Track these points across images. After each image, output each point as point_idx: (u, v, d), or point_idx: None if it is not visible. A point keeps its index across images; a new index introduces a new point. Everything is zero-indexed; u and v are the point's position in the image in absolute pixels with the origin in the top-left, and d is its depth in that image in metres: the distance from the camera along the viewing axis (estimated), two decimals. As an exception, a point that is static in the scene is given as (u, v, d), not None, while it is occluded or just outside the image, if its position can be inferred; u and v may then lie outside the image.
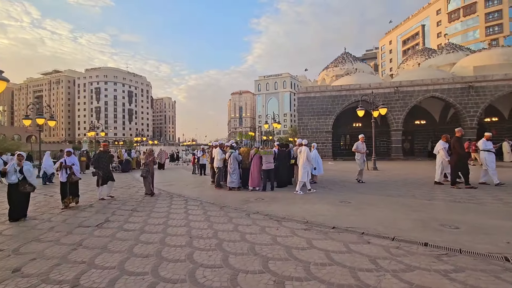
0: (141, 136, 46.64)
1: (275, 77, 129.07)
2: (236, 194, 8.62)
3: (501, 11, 62.78)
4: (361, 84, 24.39)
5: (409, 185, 9.46)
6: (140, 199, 8.28)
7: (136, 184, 11.64)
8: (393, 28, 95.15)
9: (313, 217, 5.51)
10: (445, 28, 72.54)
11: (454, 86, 22.30)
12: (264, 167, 8.97)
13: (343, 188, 9.32)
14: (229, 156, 9.31)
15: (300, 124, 25.53)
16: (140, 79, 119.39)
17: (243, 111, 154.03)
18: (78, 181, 7.57)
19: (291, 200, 7.40)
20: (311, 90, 25.44)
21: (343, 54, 34.92)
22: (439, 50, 32.55)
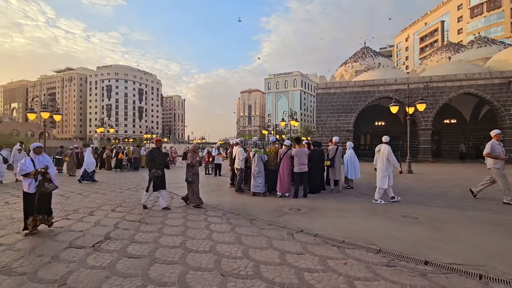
0: (151, 134, 45.80)
1: (286, 75, 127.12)
2: (263, 201, 7.18)
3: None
4: (386, 79, 22.56)
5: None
6: (151, 206, 6.93)
7: (145, 186, 10.34)
8: (409, 25, 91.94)
9: (382, 241, 4.03)
10: (466, 24, 69.24)
11: (492, 81, 20.26)
12: (297, 170, 7.50)
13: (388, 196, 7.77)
14: (253, 156, 7.88)
15: (318, 122, 23.91)
16: (150, 77, 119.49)
17: (252, 110, 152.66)
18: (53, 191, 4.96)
19: (336, 212, 5.90)
20: (331, 85, 23.77)
21: (363, 49, 33.05)
22: (469, 44, 30.27)
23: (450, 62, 26.71)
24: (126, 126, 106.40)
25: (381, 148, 6.93)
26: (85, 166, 11.43)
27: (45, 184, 4.71)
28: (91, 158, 11.72)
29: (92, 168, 11.60)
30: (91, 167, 11.52)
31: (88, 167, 11.43)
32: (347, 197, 7.62)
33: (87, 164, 11.45)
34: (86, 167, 11.41)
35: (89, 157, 11.65)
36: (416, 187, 9.45)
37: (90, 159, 11.65)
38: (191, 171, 6.80)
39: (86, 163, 11.46)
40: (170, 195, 8.24)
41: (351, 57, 33.08)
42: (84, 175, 11.39)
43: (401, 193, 7.83)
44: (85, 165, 11.45)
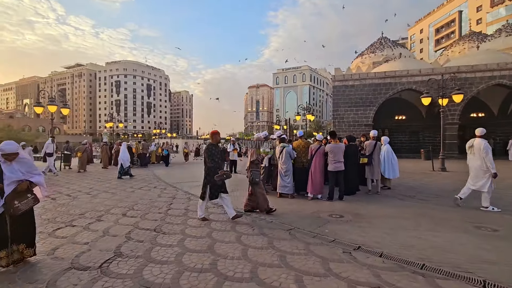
0: (160, 129, 45.32)
1: (294, 70, 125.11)
2: (294, 204, 6.24)
3: (555, -7, 55.95)
4: (409, 70, 21.16)
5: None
6: (183, 209, 6.07)
7: (157, 184, 9.53)
8: (424, 16, 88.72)
9: (476, 266, 3.04)
10: (486, 14, 66.17)
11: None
12: (332, 168, 6.51)
13: (439, 198, 6.73)
14: (280, 152, 6.92)
15: (335, 116, 22.75)
16: (158, 73, 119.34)
17: (260, 105, 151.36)
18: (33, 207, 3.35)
19: (389, 220, 4.91)
20: (348, 77, 22.50)
21: (380, 39, 31.46)
22: (496, 33, 28.39)
23: (478, 51, 25.01)
24: (135, 121, 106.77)
25: (474, 143, 5.74)
26: (121, 162, 11.08)
27: (15, 203, 3.09)
28: (126, 154, 11.42)
29: (128, 163, 11.32)
30: (126, 163, 11.23)
31: (124, 162, 11.11)
32: (390, 200, 6.60)
33: (123, 159, 11.12)
34: (122, 162, 11.07)
35: (125, 153, 11.33)
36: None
37: (125, 154, 11.34)
38: (257, 169, 5.65)
39: (121, 159, 11.12)
40: (186, 196, 7.37)
41: (368, 48, 31.54)
42: (121, 171, 11.07)
43: (450, 196, 6.77)
44: (120, 161, 11.11)
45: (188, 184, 9.45)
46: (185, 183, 9.71)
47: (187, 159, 20.73)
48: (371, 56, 29.94)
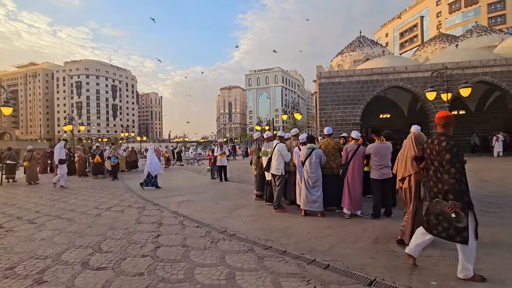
0: (127, 132, 41.45)
1: (266, 71, 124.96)
2: (335, 227, 4.54)
3: (504, 2, 61.04)
4: (395, 67, 20.67)
5: None
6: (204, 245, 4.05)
7: (132, 201, 7.31)
8: (389, 20, 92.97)
9: None
10: (445, 19, 70.50)
11: (508, 68, 18.98)
12: (377, 176, 4.93)
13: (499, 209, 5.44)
14: (307, 156, 5.21)
15: (322, 114, 21.59)
16: (124, 73, 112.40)
17: (233, 107, 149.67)
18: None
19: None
20: (335, 74, 21.50)
21: (359, 38, 31.24)
22: (468, 33, 29.37)
23: (459, 48, 25.47)
24: (99, 125, 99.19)
25: None
26: (149, 169, 9.09)
27: None
28: (155, 159, 9.49)
29: (157, 171, 9.33)
30: (155, 170, 9.21)
31: (152, 169, 9.11)
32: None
33: (151, 166, 9.12)
34: (150, 170, 9.09)
35: (153, 158, 9.38)
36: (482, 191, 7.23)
37: (154, 159, 9.41)
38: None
39: (150, 165, 9.13)
40: (177, 220, 5.34)
41: (347, 47, 31.19)
42: (148, 180, 9.15)
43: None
44: (148, 168, 9.11)
45: (174, 199, 7.37)
46: (170, 197, 7.61)
47: (169, 165, 18.21)
48: (351, 54, 29.56)
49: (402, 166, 3.76)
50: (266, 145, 6.34)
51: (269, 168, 5.80)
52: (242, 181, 10.66)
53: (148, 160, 9.28)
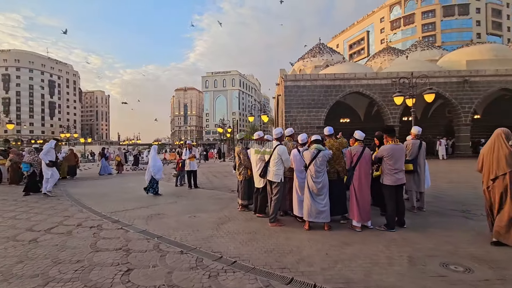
0: (69, 133, 36.40)
1: (224, 74, 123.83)
2: (350, 246, 3.82)
3: (435, 23, 69.59)
4: (356, 73, 21.52)
5: None
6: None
7: (81, 217, 5.72)
8: (339, 32, 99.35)
9: None
10: (387, 35, 77.75)
11: (450, 80, 21.08)
12: (391, 181, 4.38)
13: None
14: (313, 158, 4.44)
15: (287, 117, 21.42)
16: (65, 67, 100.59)
17: (189, 109, 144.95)
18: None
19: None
20: (300, 78, 21.58)
21: (319, 45, 32.28)
22: (413, 47, 32.35)
23: (410, 59, 27.71)
24: (33, 124, 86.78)
25: None
26: (152, 172, 8.19)
27: None
28: (158, 161, 8.57)
29: (160, 175, 8.41)
30: (158, 173, 8.29)
31: (155, 172, 8.21)
32: (466, 223, 4.86)
33: (154, 168, 8.20)
34: (153, 173, 8.18)
35: (156, 160, 8.45)
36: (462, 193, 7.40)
37: (158, 161, 8.50)
38: None
39: (153, 168, 8.19)
40: (151, 244, 4.09)
41: (308, 52, 31.96)
42: (152, 184, 8.25)
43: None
44: (152, 171, 8.19)
45: (139, 212, 5.98)
46: (132, 211, 6.18)
47: (121, 170, 15.87)
48: (312, 60, 30.33)
49: (493, 164, 3.66)
50: (256, 146, 5.44)
51: (266, 174, 4.89)
52: (214, 188, 9.52)
53: (150, 162, 8.26)
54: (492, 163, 3.69)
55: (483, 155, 3.88)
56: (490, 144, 3.83)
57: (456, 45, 49.08)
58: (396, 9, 76.40)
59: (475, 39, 57.37)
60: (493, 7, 67.56)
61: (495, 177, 3.64)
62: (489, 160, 3.75)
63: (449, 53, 25.70)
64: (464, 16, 67.33)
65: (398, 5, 75.39)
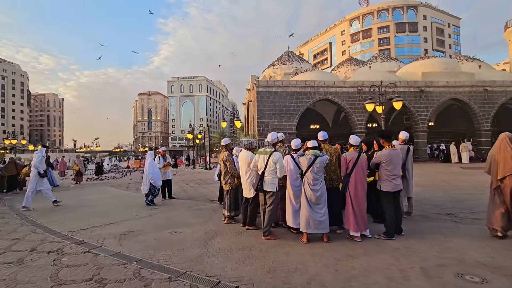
0: (13, 139, 32.25)
1: (191, 79, 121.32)
2: (357, 259, 3.58)
3: (389, 38, 75.59)
4: (325, 81, 22.20)
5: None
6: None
7: (36, 240, 4.77)
8: (304, 42, 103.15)
9: None
10: (348, 47, 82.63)
11: (409, 89, 22.70)
12: (390, 188, 4.27)
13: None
14: (310, 165, 4.16)
15: (260, 123, 21.28)
16: (10, 67, 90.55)
17: (153, 114, 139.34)
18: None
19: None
20: (272, 84, 21.69)
21: (288, 53, 32.98)
22: (374, 59, 34.50)
23: (372, 69, 29.40)
24: (-33, 130, 76.16)
25: None
26: (151, 180, 7.57)
27: None
28: (156, 167, 7.92)
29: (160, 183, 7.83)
30: (159, 180, 7.77)
31: (154, 180, 7.62)
32: (457, 227, 4.90)
33: (154, 176, 7.61)
34: (152, 180, 7.58)
35: (154, 166, 7.84)
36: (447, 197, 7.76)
37: (155, 168, 7.84)
38: None
39: (151, 175, 7.57)
40: (134, 275, 3.45)
41: (278, 60, 32.45)
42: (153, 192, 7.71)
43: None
44: (150, 179, 7.56)
45: (108, 230, 5.18)
46: (99, 228, 5.35)
47: (80, 180, 14.13)
48: (282, 67, 30.82)
49: (501, 166, 3.95)
50: (243, 155, 5.05)
51: (263, 186, 4.46)
52: (191, 198, 8.84)
53: (148, 169, 7.57)
54: (499, 164, 3.97)
55: (491, 158, 4.15)
56: (496, 147, 4.12)
57: (408, 59, 53.75)
58: (355, 24, 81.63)
59: (423, 55, 63.46)
60: (437, 26, 75.41)
61: (502, 177, 3.93)
62: (496, 162, 4.03)
63: (406, 65, 27.85)
64: (414, 33, 74.12)
65: (357, 20, 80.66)
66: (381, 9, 76.55)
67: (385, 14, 76.74)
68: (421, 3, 75.92)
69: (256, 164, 4.67)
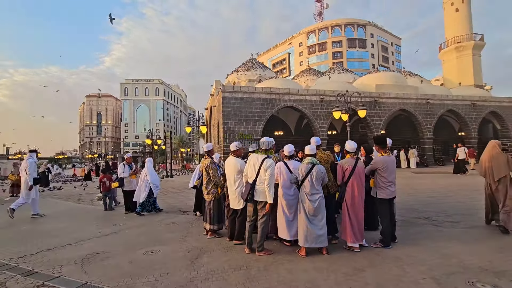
0: None
1: (146, 82, 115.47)
2: (369, 272, 3.39)
3: (342, 52, 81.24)
4: (290, 89, 22.66)
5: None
6: None
7: None
8: (264, 51, 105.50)
9: None
10: (305, 58, 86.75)
11: (365, 99, 24.31)
12: (386, 195, 4.22)
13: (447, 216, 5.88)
14: (307, 174, 3.91)
15: (225, 129, 20.76)
16: None
17: (103, 118, 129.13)
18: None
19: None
20: (238, 89, 21.36)
21: (252, 60, 33.15)
22: (331, 70, 36.49)
23: (331, 80, 30.89)
24: None
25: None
26: (154, 188, 7.10)
27: None
28: (156, 175, 7.47)
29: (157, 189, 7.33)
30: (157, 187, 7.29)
31: (155, 186, 7.18)
32: (441, 232, 5.04)
33: (155, 182, 7.18)
34: (155, 188, 7.15)
35: (154, 173, 7.41)
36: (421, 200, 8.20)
37: (155, 176, 7.39)
38: None
39: (154, 181, 7.13)
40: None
41: (241, 66, 32.38)
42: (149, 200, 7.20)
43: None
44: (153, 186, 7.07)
45: (66, 253, 4.24)
46: (55, 250, 4.37)
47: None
48: (246, 73, 30.80)
49: (495, 169, 4.55)
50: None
51: (253, 195, 4.06)
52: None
53: (149, 176, 7.13)
54: (494, 168, 4.60)
55: (484, 163, 4.77)
56: (488, 153, 4.75)
57: (358, 72, 58.24)
58: (312, 37, 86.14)
59: (371, 69, 69.43)
60: (382, 44, 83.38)
61: (498, 179, 4.56)
62: (491, 166, 4.66)
63: (361, 77, 29.97)
64: (363, 49, 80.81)
65: (314, 34, 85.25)
66: (335, 25, 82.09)
67: (338, 30, 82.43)
68: (369, 22, 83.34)
69: (246, 172, 4.27)
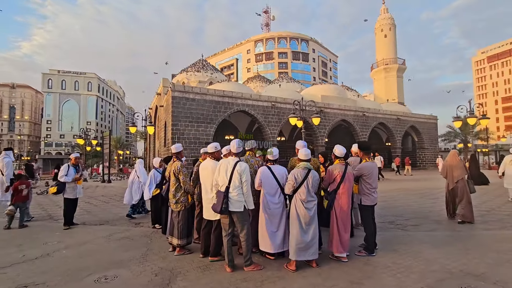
0: None
1: (77, 75, 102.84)
2: (366, 283, 3.20)
3: (287, 63, 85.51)
4: (243, 93, 22.49)
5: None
6: None
7: None
8: (212, 55, 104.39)
9: None
10: (253, 66, 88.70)
11: (311, 108, 25.66)
12: (371, 201, 4.16)
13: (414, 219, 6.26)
14: (303, 180, 3.59)
15: (175, 131, 19.40)
16: None
17: (17, 113, 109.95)
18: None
19: None
20: (189, 90, 20.24)
21: (203, 61, 32.10)
22: (280, 79, 37.76)
23: (282, 88, 31.73)
24: None
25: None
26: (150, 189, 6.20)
27: None
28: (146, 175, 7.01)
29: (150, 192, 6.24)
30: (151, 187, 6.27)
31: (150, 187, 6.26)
32: (413, 236, 5.21)
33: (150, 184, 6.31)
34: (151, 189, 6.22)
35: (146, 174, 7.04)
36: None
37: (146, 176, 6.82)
38: None
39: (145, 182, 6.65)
40: None
41: (191, 66, 30.95)
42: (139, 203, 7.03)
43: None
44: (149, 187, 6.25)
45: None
46: None
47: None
48: (196, 74, 29.54)
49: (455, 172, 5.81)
50: (207, 165, 4.06)
51: (228, 205, 3.50)
52: (104, 221, 6.71)
53: (141, 178, 6.93)
54: (453, 172, 5.82)
55: (446, 167, 5.96)
56: (450, 159, 6.00)
57: (301, 83, 62.01)
58: (259, 45, 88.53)
59: (312, 82, 74.50)
60: (322, 59, 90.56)
61: (457, 180, 5.74)
62: (451, 170, 5.87)
63: (308, 88, 31.74)
64: (306, 62, 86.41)
65: (261, 42, 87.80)
66: (281, 36, 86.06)
67: (284, 42, 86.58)
68: (311, 38, 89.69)
69: (216, 180, 3.73)
